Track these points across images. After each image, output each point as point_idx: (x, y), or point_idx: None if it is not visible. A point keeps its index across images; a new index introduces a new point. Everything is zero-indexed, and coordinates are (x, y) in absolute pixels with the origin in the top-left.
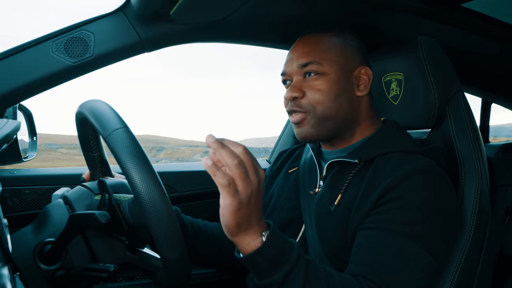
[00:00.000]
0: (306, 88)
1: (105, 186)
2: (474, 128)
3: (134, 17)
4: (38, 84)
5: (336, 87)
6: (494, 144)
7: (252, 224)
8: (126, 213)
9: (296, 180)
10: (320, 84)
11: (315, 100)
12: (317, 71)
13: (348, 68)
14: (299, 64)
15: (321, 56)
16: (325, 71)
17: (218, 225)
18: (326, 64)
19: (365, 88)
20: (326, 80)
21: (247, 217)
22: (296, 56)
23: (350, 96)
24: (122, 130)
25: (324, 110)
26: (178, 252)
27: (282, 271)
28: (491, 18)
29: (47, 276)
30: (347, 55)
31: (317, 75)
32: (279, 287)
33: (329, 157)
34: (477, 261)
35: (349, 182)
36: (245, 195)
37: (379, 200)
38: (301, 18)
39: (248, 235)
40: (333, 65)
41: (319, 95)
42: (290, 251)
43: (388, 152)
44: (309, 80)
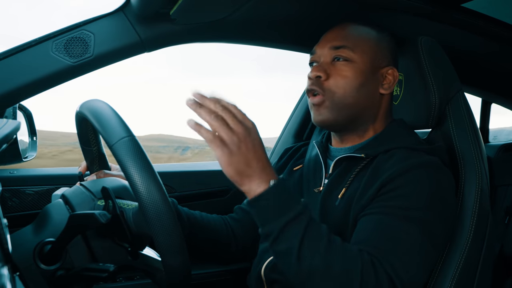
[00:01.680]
0: (332, 71)
1: (109, 193)
2: (474, 128)
3: (134, 17)
4: (38, 84)
5: (361, 78)
6: (494, 144)
7: (254, 170)
8: (130, 222)
9: (300, 177)
10: (347, 70)
11: (337, 85)
12: (347, 57)
13: (377, 64)
14: (332, 45)
15: (355, 42)
16: (355, 59)
17: (216, 217)
18: (358, 52)
19: (389, 87)
20: (353, 68)
21: (245, 164)
22: (331, 37)
23: (372, 91)
24: (128, 139)
25: (344, 97)
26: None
27: (283, 219)
28: (491, 18)
29: (47, 276)
30: (379, 51)
31: (346, 61)
32: (279, 233)
33: (336, 154)
34: (477, 261)
35: (354, 176)
36: (231, 143)
37: (380, 190)
38: (301, 18)
39: (253, 181)
40: (364, 56)
41: (343, 81)
42: (295, 203)
43: (393, 148)
44: (337, 64)
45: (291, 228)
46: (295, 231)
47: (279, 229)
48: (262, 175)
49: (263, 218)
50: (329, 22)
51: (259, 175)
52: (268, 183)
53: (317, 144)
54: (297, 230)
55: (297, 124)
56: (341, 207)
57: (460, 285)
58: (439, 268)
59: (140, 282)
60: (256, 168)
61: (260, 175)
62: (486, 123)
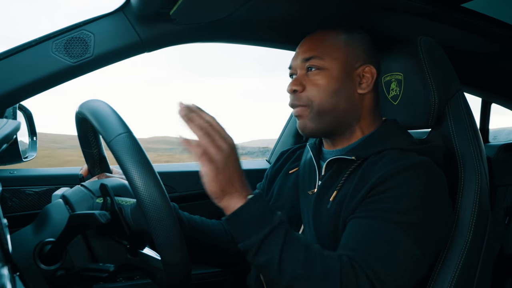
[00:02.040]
0: (307, 82)
1: (107, 190)
2: (473, 128)
3: (134, 17)
4: (38, 84)
5: (335, 83)
6: (494, 144)
7: (235, 187)
8: (128, 218)
9: (296, 180)
10: (319, 79)
11: (312, 95)
12: (318, 66)
13: (351, 66)
14: (303, 58)
15: (324, 51)
16: (326, 66)
17: (216, 222)
18: (327, 60)
19: (367, 86)
20: (326, 75)
21: (228, 181)
22: (302, 50)
23: (350, 93)
24: (125, 135)
25: (321, 105)
26: (180, 258)
27: (263, 231)
28: (491, 18)
29: (47, 276)
30: (351, 53)
31: (318, 70)
32: (258, 248)
33: (328, 156)
34: (477, 261)
35: (345, 179)
36: (219, 160)
37: (370, 192)
38: (301, 18)
39: (233, 198)
40: (335, 62)
41: (317, 89)
42: (272, 216)
43: (384, 149)
44: (310, 75)
45: (270, 241)
46: (274, 244)
47: (259, 243)
48: (241, 192)
49: (242, 233)
50: (329, 22)
51: (239, 192)
52: (246, 198)
53: (311, 147)
54: (276, 242)
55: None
56: (332, 210)
57: (460, 285)
58: (439, 268)
59: (140, 282)
60: (237, 185)
61: (239, 191)
62: (486, 123)
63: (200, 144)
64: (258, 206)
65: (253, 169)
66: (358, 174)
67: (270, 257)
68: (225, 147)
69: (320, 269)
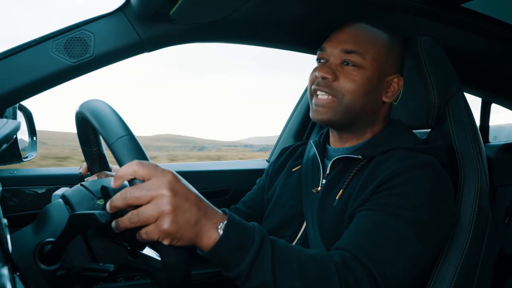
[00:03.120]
0: (341, 73)
1: (108, 192)
2: (473, 128)
3: (134, 17)
4: (38, 84)
5: (368, 85)
6: (494, 144)
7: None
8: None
9: (299, 178)
10: (356, 75)
11: (346, 88)
12: (357, 63)
13: (385, 71)
14: (343, 48)
15: (367, 48)
16: (364, 65)
17: None
18: (368, 59)
19: (392, 96)
20: (362, 74)
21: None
22: (344, 39)
23: (376, 98)
24: (127, 138)
25: (352, 101)
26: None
27: (248, 257)
28: (491, 18)
29: (47, 276)
30: (389, 58)
31: (355, 67)
32: (249, 274)
33: (334, 154)
34: (477, 261)
35: (352, 177)
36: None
37: (378, 188)
38: (301, 18)
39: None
40: (374, 63)
41: (352, 84)
42: (253, 235)
43: (391, 148)
44: (346, 68)
45: (258, 264)
46: (264, 265)
47: (247, 269)
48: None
49: (226, 265)
50: (329, 22)
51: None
52: (217, 228)
53: (315, 144)
54: (266, 263)
55: (297, 124)
56: (338, 208)
57: (460, 284)
58: (439, 268)
59: (140, 282)
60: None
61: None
62: (486, 123)
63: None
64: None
65: (253, 169)
66: (366, 172)
67: (263, 280)
68: (162, 192)
69: (316, 274)
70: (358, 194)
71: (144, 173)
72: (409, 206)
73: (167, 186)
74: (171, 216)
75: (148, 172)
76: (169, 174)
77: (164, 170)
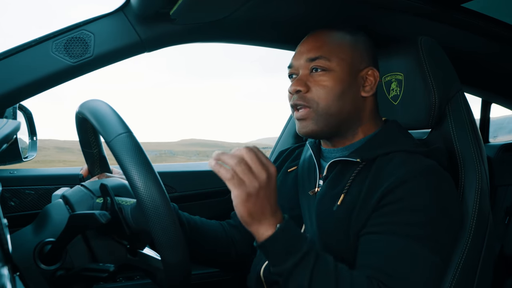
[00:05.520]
0: (312, 83)
1: (107, 190)
2: (474, 128)
3: (134, 17)
4: (38, 84)
5: (341, 85)
6: (494, 144)
7: (265, 216)
8: (128, 218)
9: (295, 179)
10: (326, 80)
11: (319, 96)
12: (325, 67)
13: (356, 68)
14: (308, 57)
15: (331, 52)
16: (332, 67)
17: (216, 223)
18: (334, 61)
19: (371, 89)
20: (332, 77)
21: (259, 209)
22: (306, 49)
23: (354, 95)
24: (125, 135)
25: (327, 107)
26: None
27: (290, 261)
28: (491, 18)
29: (47, 276)
30: (356, 55)
31: (323, 71)
32: (288, 277)
33: (329, 155)
34: (477, 261)
35: (352, 181)
36: (252, 188)
37: (380, 202)
38: (301, 18)
39: (262, 226)
40: (341, 63)
41: (323, 91)
42: (301, 244)
43: (390, 151)
44: (315, 76)
45: (299, 269)
46: (303, 272)
47: (288, 271)
48: (271, 220)
49: (271, 259)
50: (329, 22)
51: (269, 221)
52: (275, 226)
53: (311, 145)
54: (305, 270)
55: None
56: (340, 213)
57: (460, 285)
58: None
59: (140, 282)
60: (267, 214)
61: (269, 220)
62: (486, 123)
63: (232, 168)
64: (287, 234)
65: None
66: (368, 179)
67: (300, 284)
68: (261, 176)
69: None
70: (363, 205)
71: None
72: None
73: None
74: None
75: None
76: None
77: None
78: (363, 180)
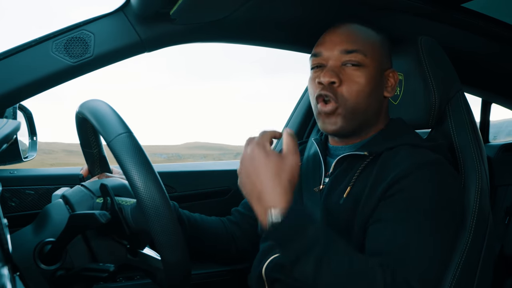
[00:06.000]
0: (344, 76)
1: (107, 190)
2: (474, 128)
3: (134, 17)
4: (38, 84)
5: (372, 83)
6: (494, 144)
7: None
8: (128, 218)
9: (299, 176)
10: (359, 76)
11: (350, 92)
12: (360, 62)
13: (383, 67)
14: (343, 49)
15: (366, 47)
16: (366, 63)
17: (216, 220)
18: (369, 57)
19: (392, 90)
20: (365, 73)
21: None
22: (341, 40)
23: (379, 94)
24: (125, 135)
25: (356, 104)
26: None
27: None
28: (491, 18)
29: (47, 276)
30: (384, 54)
31: (357, 66)
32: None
33: (337, 152)
34: (477, 261)
35: (358, 175)
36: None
37: (386, 192)
38: (301, 18)
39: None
40: (374, 60)
41: (356, 87)
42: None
43: (397, 145)
44: (348, 69)
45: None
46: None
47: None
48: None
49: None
50: (329, 22)
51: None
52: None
53: (317, 142)
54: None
55: (298, 124)
56: (347, 205)
57: (460, 285)
58: None
59: (140, 282)
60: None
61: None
62: (486, 123)
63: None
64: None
65: None
66: (374, 171)
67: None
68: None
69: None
70: (368, 196)
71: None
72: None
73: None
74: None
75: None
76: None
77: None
78: (369, 173)
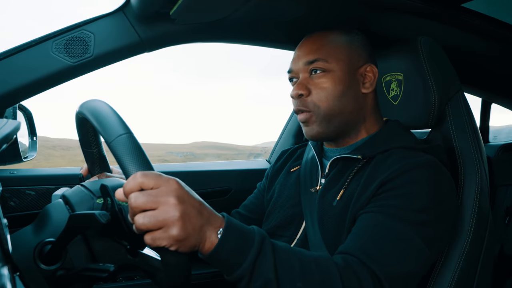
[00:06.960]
0: (312, 86)
1: (107, 190)
2: (474, 128)
3: (134, 17)
4: (38, 84)
5: (341, 85)
6: (494, 144)
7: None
8: (128, 219)
9: (297, 178)
10: (325, 81)
11: (319, 99)
12: (323, 68)
13: (354, 66)
14: (306, 61)
15: (328, 53)
16: (331, 68)
17: None
18: (332, 61)
19: (371, 85)
20: (331, 78)
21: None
22: (303, 53)
23: (355, 93)
24: (126, 136)
25: (328, 109)
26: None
27: (250, 257)
28: (491, 18)
29: (47, 276)
30: (353, 53)
31: (323, 72)
32: (251, 274)
33: (332, 154)
34: (477, 261)
35: (352, 177)
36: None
37: (379, 189)
38: (301, 19)
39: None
40: (339, 63)
41: (324, 93)
42: (252, 237)
43: (390, 148)
44: (315, 78)
45: (260, 264)
46: (266, 265)
47: (250, 270)
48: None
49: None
50: (330, 22)
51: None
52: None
53: (313, 145)
54: (267, 263)
55: (297, 125)
56: (339, 207)
57: (460, 285)
58: (439, 268)
59: (140, 282)
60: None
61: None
62: (486, 123)
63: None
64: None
65: (253, 169)
66: (366, 172)
67: (266, 278)
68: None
69: (318, 275)
70: (360, 195)
71: (151, 184)
72: (412, 207)
73: (174, 194)
74: (180, 223)
75: (155, 182)
76: (174, 182)
77: (169, 178)
78: (362, 175)
